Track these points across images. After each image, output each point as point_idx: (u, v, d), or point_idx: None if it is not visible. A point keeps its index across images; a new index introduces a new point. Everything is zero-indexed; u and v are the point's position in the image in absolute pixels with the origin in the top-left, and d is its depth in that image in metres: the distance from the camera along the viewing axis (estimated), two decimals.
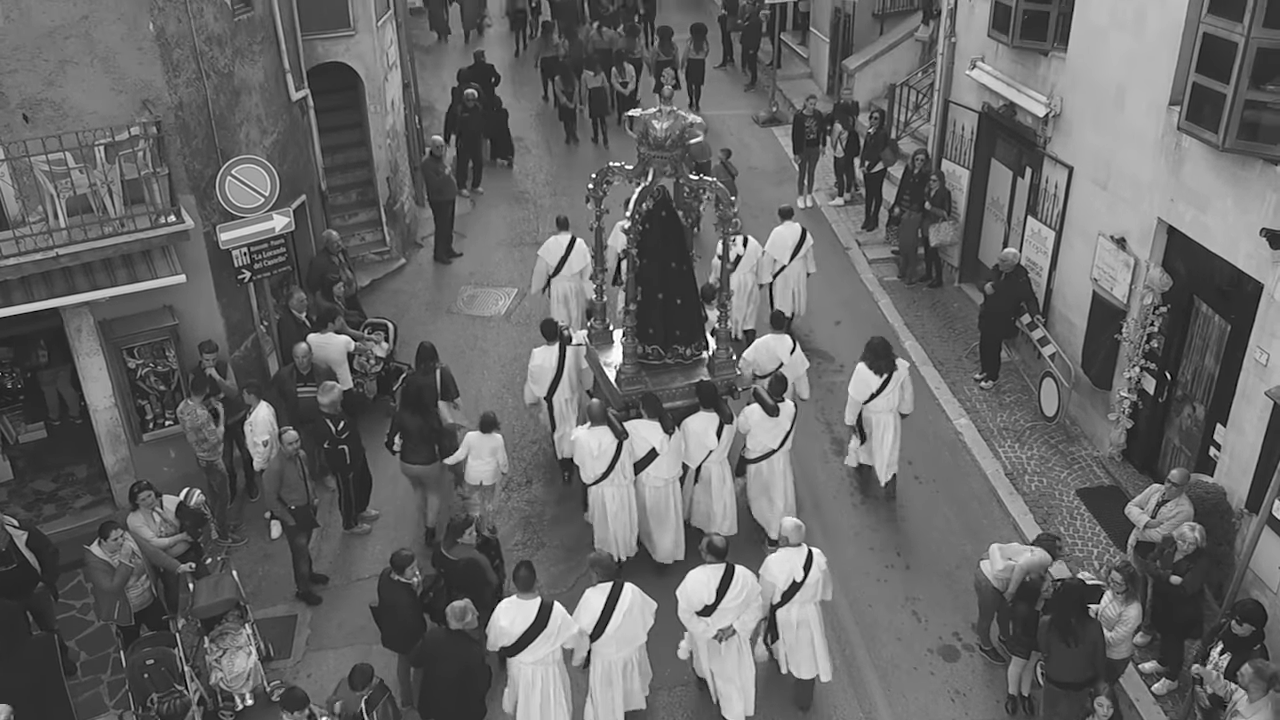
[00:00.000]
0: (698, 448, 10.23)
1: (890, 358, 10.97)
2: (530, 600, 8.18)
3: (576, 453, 10.18)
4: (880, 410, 11.00)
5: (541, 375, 11.34)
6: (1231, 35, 8.75)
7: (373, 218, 16.20)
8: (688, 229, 11.33)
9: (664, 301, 10.72)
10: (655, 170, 10.36)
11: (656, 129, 10.21)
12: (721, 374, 10.70)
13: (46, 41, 9.83)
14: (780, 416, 10.30)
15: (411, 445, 10.55)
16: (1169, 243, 10.54)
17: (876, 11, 20.85)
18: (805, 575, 8.53)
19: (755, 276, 13.49)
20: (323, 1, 14.23)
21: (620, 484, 10.04)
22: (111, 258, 10.17)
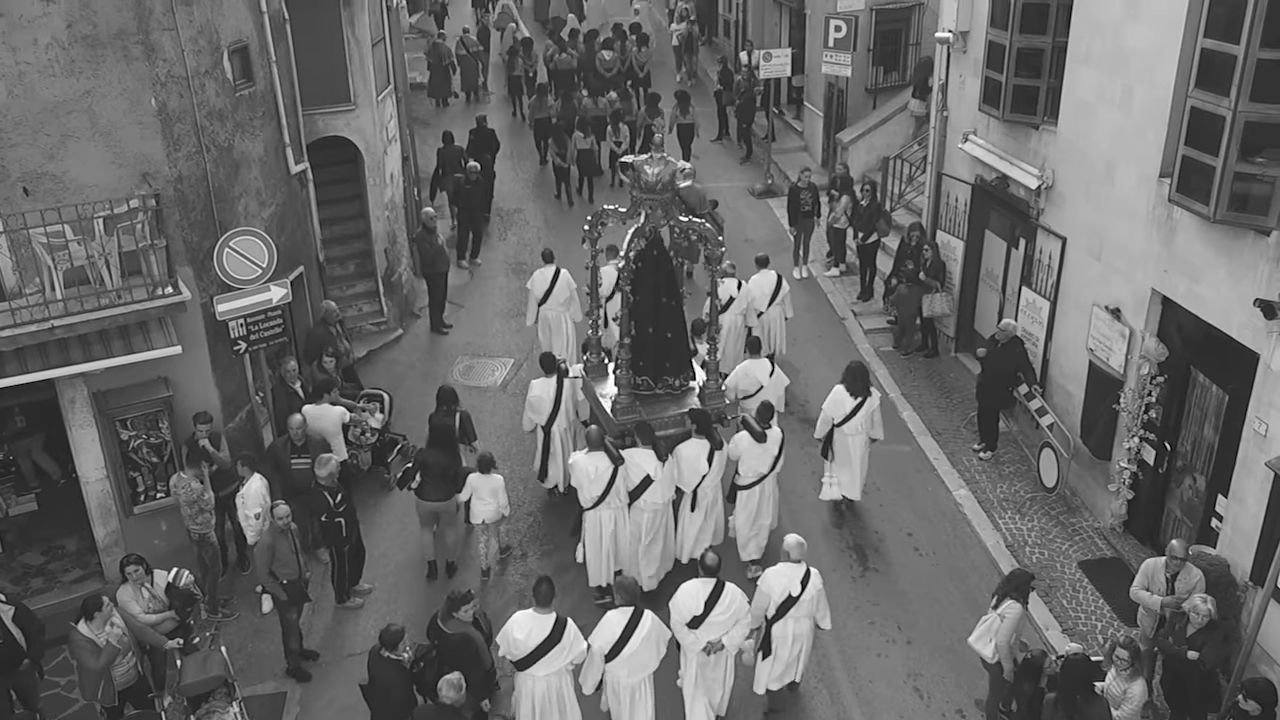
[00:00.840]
0: (691, 473, 10.69)
1: (867, 383, 11.67)
2: (547, 615, 8.50)
3: (574, 476, 10.61)
4: (852, 432, 11.62)
5: (540, 406, 11.91)
6: (1219, 109, 8.88)
7: (370, 288, 16.26)
8: (678, 267, 11.78)
9: (655, 335, 11.32)
10: (647, 212, 10.91)
11: (648, 173, 10.76)
12: (711, 403, 11.24)
13: (49, 116, 9.96)
14: (768, 442, 10.83)
15: (431, 482, 11.00)
16: (1164, 313, 10.56)
17: (869, 86, 21.22)
18: (802, 591, 8.88)
19: (744, 318, 14.17)
20: (324, 77, 14.44)
21: (616, 507, 10.51)
22: (107, 329, 10.17)
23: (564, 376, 11.99)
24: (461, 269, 18.16)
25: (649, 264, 11.16)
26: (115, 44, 10.05)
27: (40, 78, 9.83)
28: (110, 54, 10.06)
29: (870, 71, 21.23)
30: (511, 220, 20.17)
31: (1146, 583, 9.20)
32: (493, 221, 20.05)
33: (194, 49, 10.91)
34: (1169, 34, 9.90)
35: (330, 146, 15.03)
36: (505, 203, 20.84)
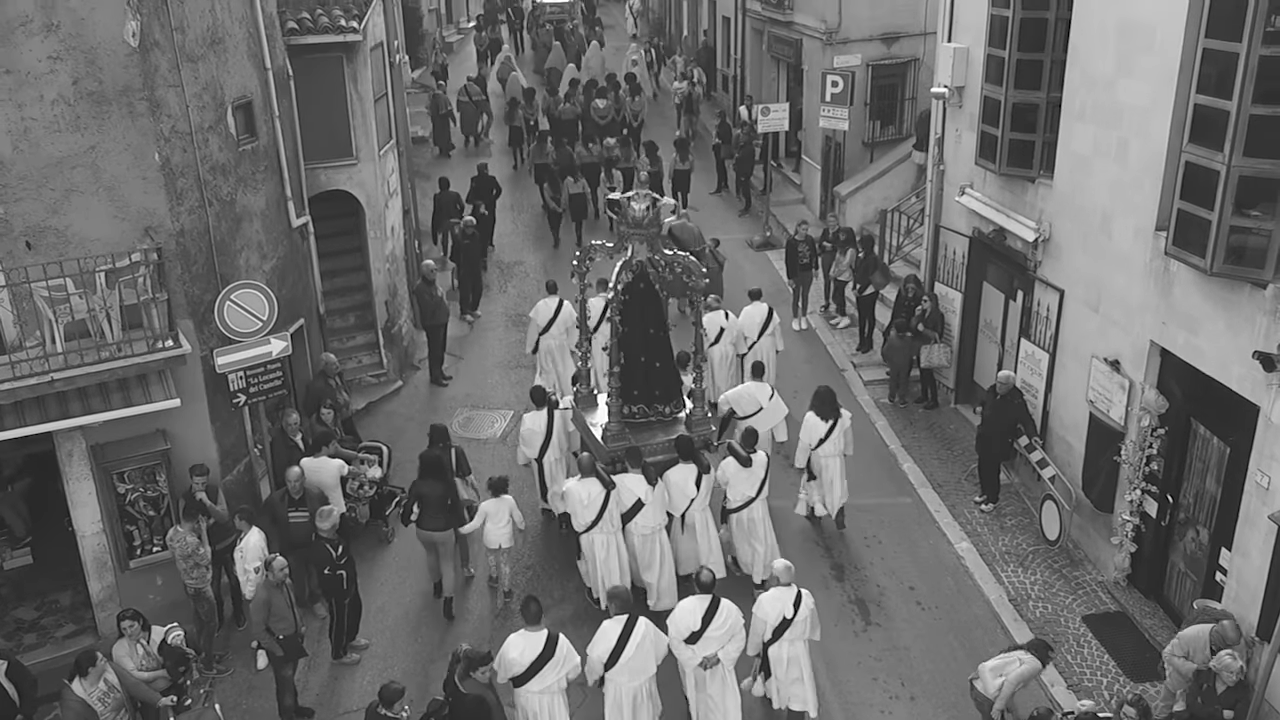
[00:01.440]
0: (680, 497, 11.15)
1: (835, 406, 12.35)
2: (538, 632, 8.88)
3: (568, 503, 11.06)
4: (827, 454, 12.27)
5: (533, 438, 12.34)
6: (1213, 164, 8.96)
7: (370, 340, 16.29)
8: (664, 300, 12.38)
9: (645, 364, 11.78)
10: (633, 246, 11.45)
11: (635, 209, 11.33)
12: (698, 430, 11.69)
13: (53, 171, 10.04)
14: (754, 466, 11.33)
15: (429, 512, 11.23)
16: (1163, 365, 10.57)
17: (866, 140, 21.47)
18: (795, 613, 9.24)
19: (734, 348, 14.84)
20: (326, 131, 14.60)
21: (609, 531, 10.88)
22: (107, 382, 10.16)
23: (554, 409, 12.40)
24: (464, 322, 18.24)
25: (636, 296, 11.62)
26: (121, 100, 10.17)
27: (46, 133, 9.93)
28: (115, 110, 10.17)
29: (867, 125, 21.50)
30: (511, 272, 20.28)
31: (1185, 651, 9.06)
32: (492, 273, 20.17)
33: (198, 105, 11.04)
34: (1162, 90, 10.02)
35: (332, 200, 15.14)
36: (505, 255, 20.97)
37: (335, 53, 14.34)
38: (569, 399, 12.73)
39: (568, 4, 36.58)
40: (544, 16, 35.69)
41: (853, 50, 20.70)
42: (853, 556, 12.26)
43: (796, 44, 22.62)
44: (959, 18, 14.02)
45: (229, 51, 11.73)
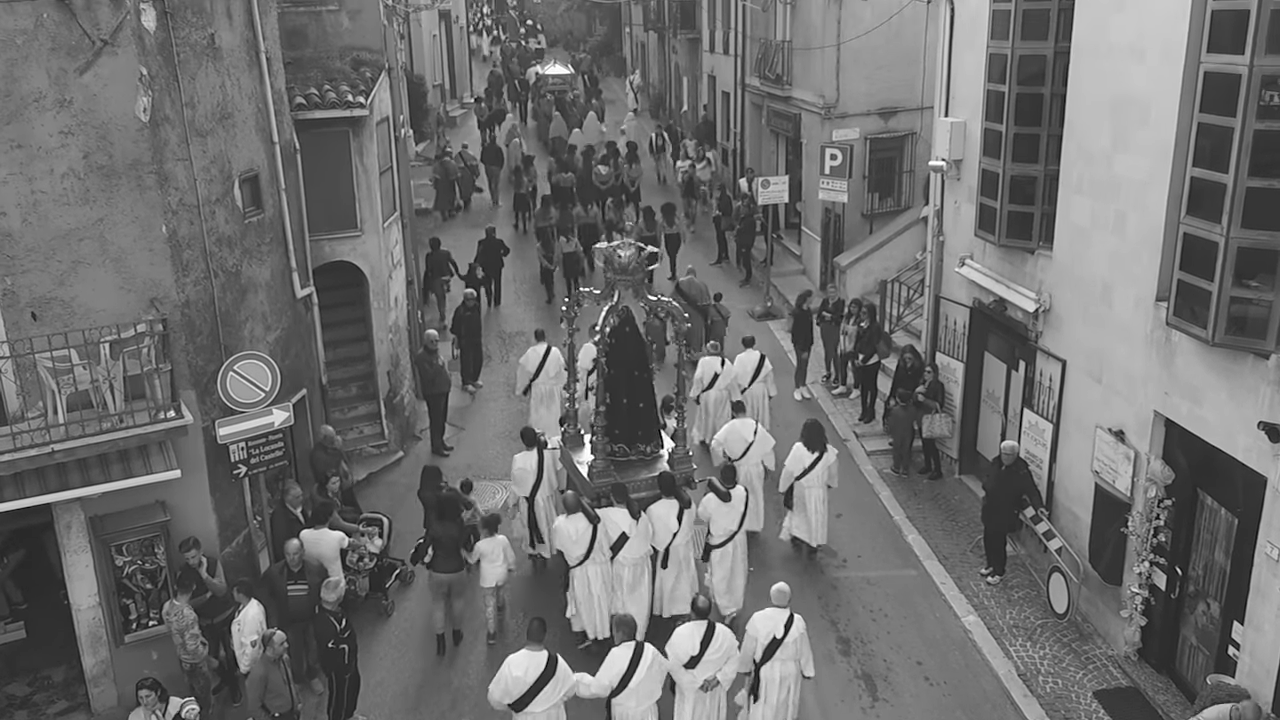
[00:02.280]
0: (663, 530, 11.55)
1: (823, 440, 13.09)
2: (539, 652, 9.25)
3: (558, 540, 11.50)
4: (811, 485, 12.93)
5: (524, 478, 12.84)
6: (1211, 235, 9.03)
7: (372, 411, 16.26)
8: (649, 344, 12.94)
9: (628, 405, 12.28)
10: (619, 292, 12.05)
11: (621, 256, 11.96)
12: (679, 468, 12.14)
13: (61, 243, 10.12)
14: (734, 501, 11.79)
15: (443, 554, 11.60)
16: (1167, 435, 10.53)
17: (865, 212, 21.70)
18: (785, 634, 9.60)
19: (729, 393, 15.52)
20: (332, 203, 14.76)
21: (600, 562, 11.34)
22: (107, 453, 10.12)
23: (544, 449, 12.91)
24: (466, 392, 18.26)
25: (621, 339, 12.21)
26: (130, 174, 10.30)
27: (55, 206, 10.03)
28: (125, 183, 10.29)
29: (866, 197, 21.77)
30: (513, 342, 20.33)
31: None
32: (493, 343, 20.24)
33: (206, 178, 11.17)
34: (1159, 163, 10.15)
35: (336, 270, 15.24)
36: (507, 325, 21.07)
37: (342, 127, 14.57)
38: (557, 439, 13.20)
39: (568, 76, 38.37)
40: (545, 88, 37.20)
41: (850, 124, 21.04)
42: (859, 630, 12.09)
43: (795, 118, 23.00)
44: (956, 93, 14.27)
45: (238, 126, 11.91)
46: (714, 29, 30.43)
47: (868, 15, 19.96)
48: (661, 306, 12.34)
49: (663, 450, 12.52)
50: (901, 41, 20.22)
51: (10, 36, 9.55)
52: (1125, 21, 10.60)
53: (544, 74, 39.07)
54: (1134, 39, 10.46)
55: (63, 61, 9.79)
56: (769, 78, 24.22)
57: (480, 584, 11.82)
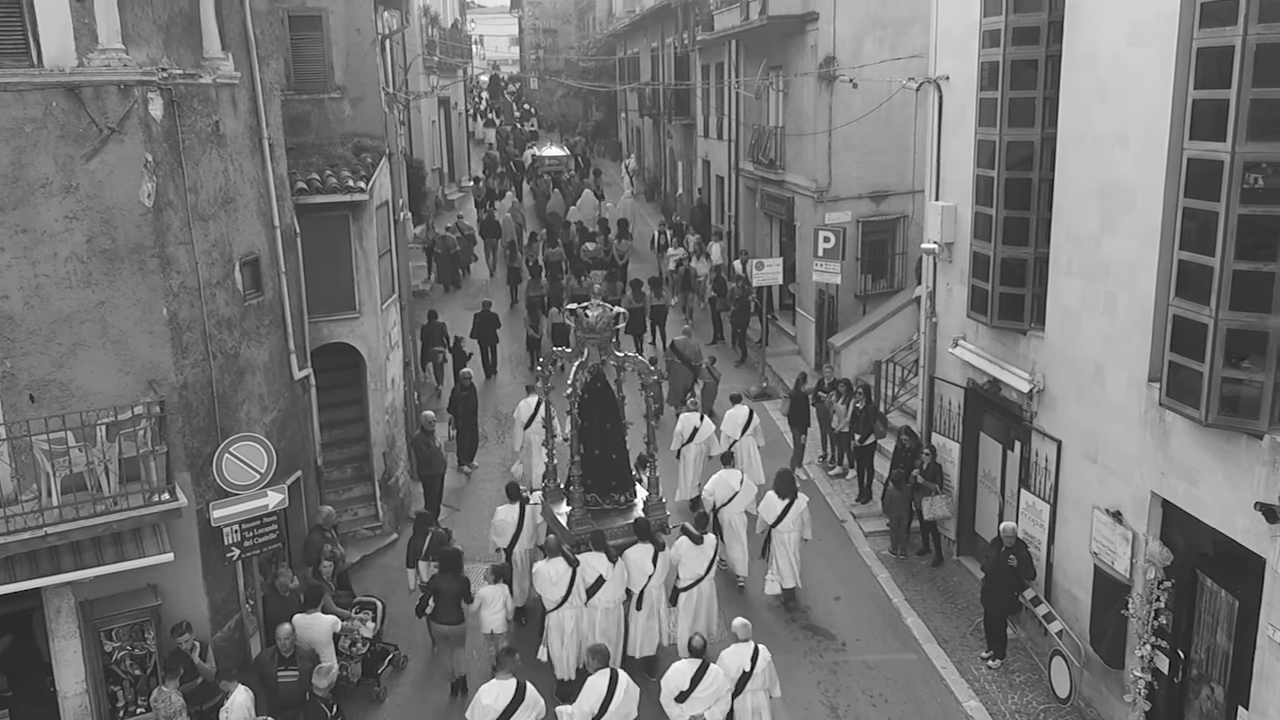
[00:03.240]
0: (638, 573, 12.15)
1: (794, 488, 13.89)
2: (509, 680, 9.81)
3: (537, 583, 12.02)
4: (785, 530, 13.66)
5: (504, 529, 13.46)
6: (1200, 317, 9.14)
7: (367, 492, 16.18)
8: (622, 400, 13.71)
9: (601, 456, 13.14)
10: (589, 350, 12.86)
11: (590, 316, 12.83)
12: (654, 514, 12.84)
13: (62, 325, 10.20)
14: (705, 545, 12.44)
15: (445, 606, 12.03)
16: (1165, 516, 10.51)
17: (859, 293, 21.92)
18: (753, 666, 10.31)
19: (707, 447, 16.30)
20: (330, 286, 14.90)
21: (576, 605, 11.88)
22: (100, 536, 10.05)
23: (525, 503, 13.52)
24: (461, 473, 18.19)
25: (593, 395, 13.04)
26: (132, 257, 10.43)
27: (57, 289, 10.14)
28: (127, 266, 10.42)
29: (859, 279, 22.00)
30: (509, 422, 20.25)
31: None
32: (490, 424, 20.23)
33: (207, 261, 11.31)
34: (1146, 246, 10.31)
35: (333, 352, 15.32)
36: (504, 405, 21.05)
37: (342, 211, 14.78)
38: (538, 494, 13.91)
39: (564, 157, 39.94)
40: (542, 168, 38.63)
41: (843, 208, 21.38)
42: (859, 717, 11.89)
43: (789, 201, 23.37)
44: (946, 177, 14.54)
45: (239, 210, 12.10)
46: (708, 115, 31.09)
47: (858, 102, 20.43)
48: (629, 361, 13.15)
49: (636, 499, 13.28)
50: (891, 127, 20.66)
51: (19, 125, 9.76)
52: (1109, 110, 10.87)
53: (540, 155, 40.55)
54: (1118, 127, 10.72)
55: (70, 148, 10.00)
56: (762, 162, 24.68)
57: (480, 630, 12.19)
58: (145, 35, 10.46)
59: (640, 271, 26.97)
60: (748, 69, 25.55)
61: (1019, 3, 12.05)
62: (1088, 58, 11.23)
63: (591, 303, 13.11)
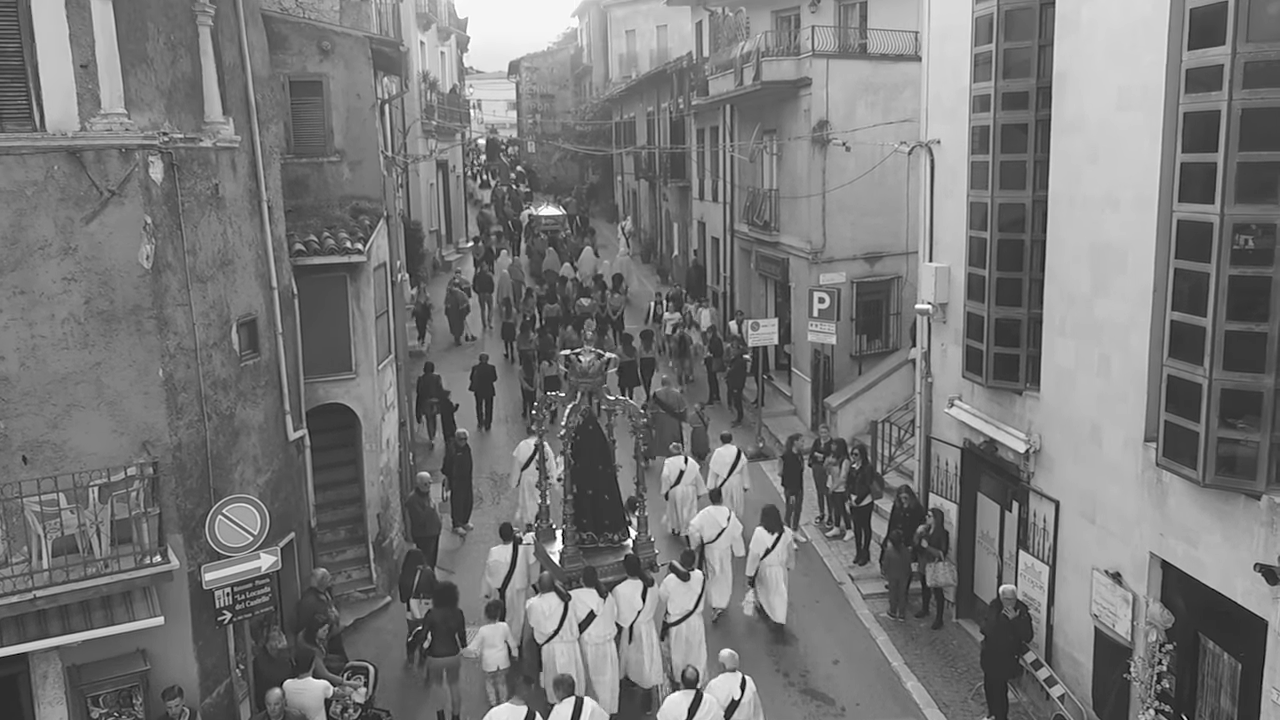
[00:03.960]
0: (628, 608, 12.60)
1: (780, 522, 14.77)
2: (520, 707, 10.26)
3: (531, 617, 12.39)
4: (772, 563, 14.42)
5: (498, 569, 13.82)
6: (1194, 377, 9.18)
7: (360, 555, 16.03)
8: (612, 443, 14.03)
9: (594, 496, 13.53)
10: (582, 394, 13.37)
11: (582, 361, 13.40)
12: (643, 552, 13.21)
13: (57, 386, 10.18)
14: (691, 581, 12.96)
15: (440, 639, 12.40)
16: (1165, 577, 10.44)
17: (854, 353, 21.99)
18: (742, 695, 10.81)
19: (695, 488, 17.01)
20: (327, 346, 14.91)
21: (568, 640, 12.24)
22: (90, 599, 9.92)
23: (519, 544, 13.92)
24: (455, 534, 18.06)
25: (585, 437, 13.50)
26: (130, 319, 10.44)
27: (53, 350, 10.13)
28: (124, 328, 10.42)
29: (854, 339, 22.08)
30: (504, 484, 20.19)
31: None
32: (485, 485, 20.12)
33: (204, 323, 11.33)
34: (1139, 307, 10.39)
35: (329, 413, 15.28)
36: (499, 465, 20.96)
37: (340, 272, 14.86)
38: (531, 535, 14.25)
39: (560, 216, 40.75)
40: (540, 227, 39.38)
41: (837, 268, 21.53)
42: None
43: (783, 262, 23.53)
44: (939, 239, 14.68)
45: (237, 272, 12.15)
46: (703, 178, 31.45)
47: (851, 165, 20.70)
48: (619, 405, 13.65)
49: (627, 539, 13.69)
50: (884, 189, 20.91)
51: (21, 188, 9.84)
52: (1099, 173, 11.02)
53: (537, 214, 41.38)
54: (1108, 189, 10.86)
55: (70, 211, 10.07)
56: (757, 224, 24.91)
57: (483, 668, 12.43)
58: (148, 100, 10.60)
59: (634, 327, 27.35)
60: (742, 133, 25.91)
61: (1008, 69, 12.28)
62: (1076, 122, 11.41)
63: (584, 349, 13.81)
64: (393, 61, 17.17)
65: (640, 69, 45.87)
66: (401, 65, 18.83)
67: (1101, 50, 10.88)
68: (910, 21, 21.05)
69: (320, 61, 15.26)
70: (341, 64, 15.43)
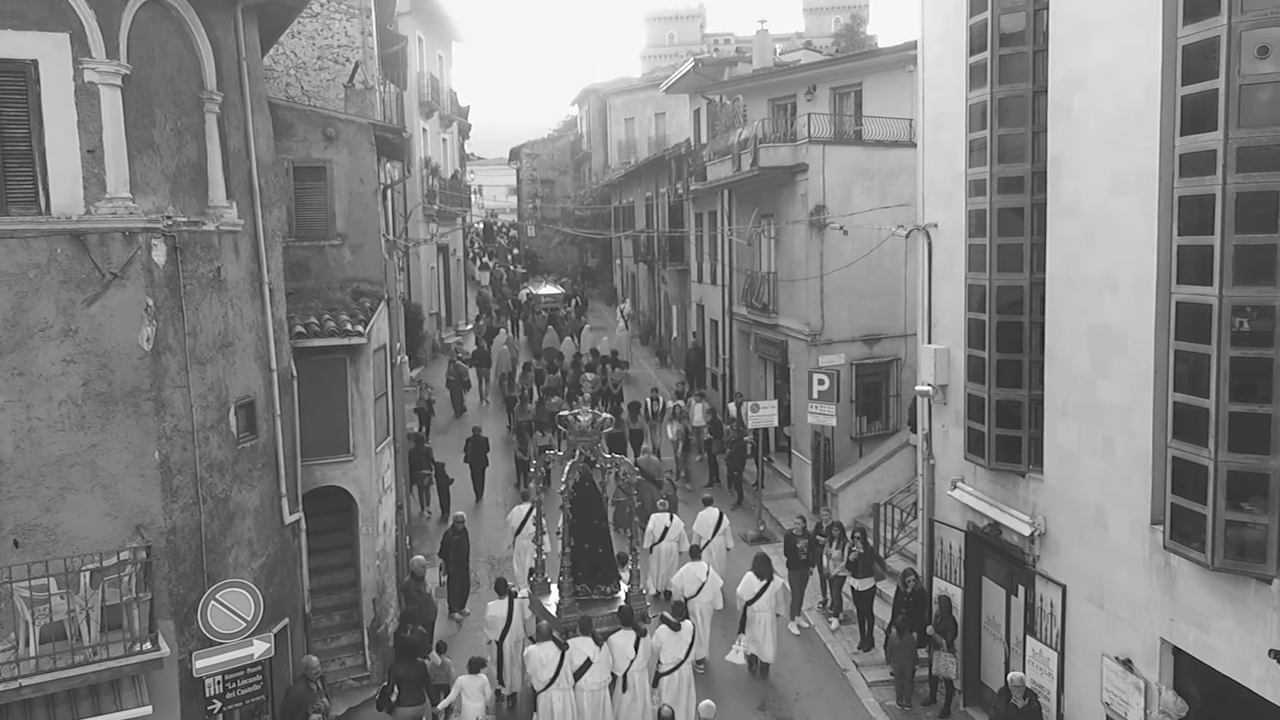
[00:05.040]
0: (621, 657, 13.22)
1: (770, 570, 15.58)
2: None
3: (529, 665, 13.12)
4: (760, 609, 15.26)
5: (495, 624, 14.55)
6: (1200, 459, 9.10)
7: (355, 640, 15.71)
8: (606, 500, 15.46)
9: (589, 549, 14.46)
10: (579, 452, 14.27)
11: (580, 420, 14.31)
12: (635, 603, 13.97)
13: (51, 469, 10.09)
14: (682, 631, 13.63)
15: (406, 690, 12.96)
16: (1177, 664, 10.22)
17: (854, 435, 21.89)
18: None
19: (678, 544, 17.66)
20: (325, 428, 14.81)
21: (564, 687, 12.86)
22: (77, 688, 9.69)
23: (515, 598, 14.65)
24: (452, 620, 17.74)
25: (582, 493, 14.46)
26: (127, 400, 10.41)
27: (49, 432, 10.07)
28: (121, 409, 10.38)
29: (855, 421, 22.01)
30: (502, 568, 19.87)
31: None
32: (482, 569, 19.82)
33: (202, 405, 11.29)
34: (1140, 389, 10.36)
35: (325, 495, 15.13)
36: (497, 549, 20.68)
37: (339, 354, 14.85)
38: (525, 590, 15.10)
39: (559, 295, 42.24)
40: (539, 305, 40.36)
41: (836, 350, 21.57)
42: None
43: (782, 345, 23.59)
44: (938, 321, 14.72)
45: (237, 354, 12.15)
46: (702, 261, 31.71)
47: (848, 248, 20.88)
48: (613, 462, 14.57)
49: (619, 591, 14.46)
50: (882, 272, 21.06)
51: (24, 270, 9.90)
52: (1096, 256, 11.10)
53: (536, 293, 42.61)
54: (1105, 272, 10.92)
55: (72, 293, 10.11)
56: (755, 306, 25.03)
57: (464, 718, 12.86)
58: (153, 185, 10.72)
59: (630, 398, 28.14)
60: (740, 216, 26.20)
61: (1003, 154, 12.46)
62: (1072, 206, 11.53)
63: (582, 409, 14.54)
64: (395, 147, 17.43)
65: (639, 155, 46.62)
66: (404, 151, 19.11)
67: (1094, 137, 11.04)
68: (904, 109, 21.47)
69: (324, 147, 15.48)
70: (345, 150, 15.65)
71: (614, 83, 54.27)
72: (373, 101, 20.70)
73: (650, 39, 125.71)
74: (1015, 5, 12.19)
